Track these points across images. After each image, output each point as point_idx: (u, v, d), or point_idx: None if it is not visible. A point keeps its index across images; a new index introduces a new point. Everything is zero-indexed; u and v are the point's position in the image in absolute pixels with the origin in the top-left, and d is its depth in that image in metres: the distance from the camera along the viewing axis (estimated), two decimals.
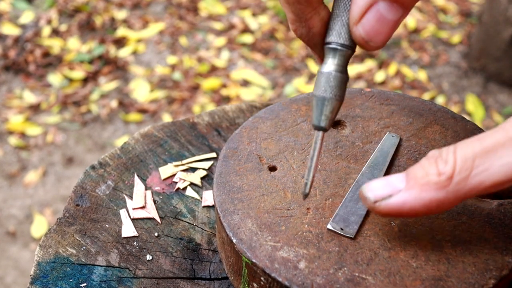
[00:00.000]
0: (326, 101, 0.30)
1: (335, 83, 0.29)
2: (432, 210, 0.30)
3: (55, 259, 0.40)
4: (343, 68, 0.29)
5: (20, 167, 1.58)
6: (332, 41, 0.29)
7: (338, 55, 0.29)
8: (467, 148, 0.29)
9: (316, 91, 0.30)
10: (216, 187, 0.38)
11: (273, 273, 0.32)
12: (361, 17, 0.27)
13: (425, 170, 0.30)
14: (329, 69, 0.29)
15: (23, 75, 1.90)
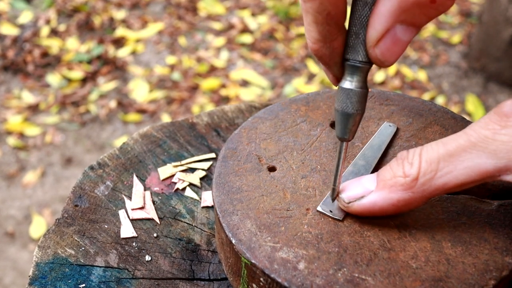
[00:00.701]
0: (349, 116, 0.31)
1: (357, 99, 0.31)
2: (400, 209, 0.32)
3: (53, 260, 0.40)
4: (363, 83, 0.30)
5: (19, 167, 1.58)
6: (352, 58, 0.30)
7: (358, 71, 0.30)
8: (432, 151, 0.31)
9: (339, 106, 0.32)
10: (215, 188, 0.38)
11: (273, 274, 0.32)
12: (378, 40, 0.28)
13: (393, 171, 0.32)
14: (350, 85, 0.30)
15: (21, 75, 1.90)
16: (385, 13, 0.26)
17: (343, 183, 0.35)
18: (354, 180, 0.35)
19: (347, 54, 0.30)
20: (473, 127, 0.30)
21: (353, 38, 0.29)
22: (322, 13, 0.28)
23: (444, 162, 0.30)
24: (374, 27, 0.27)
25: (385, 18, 0.27)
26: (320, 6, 0.27)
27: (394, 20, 0.27)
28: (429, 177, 0.31)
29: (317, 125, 0.43)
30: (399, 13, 0.26)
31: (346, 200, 0.34)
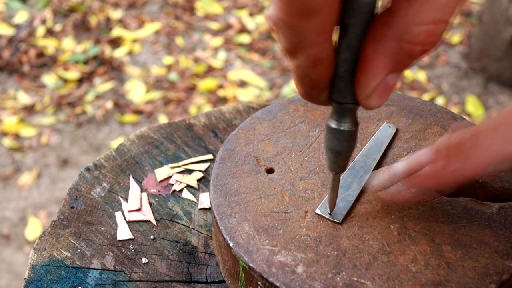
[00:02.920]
0: (338, 153, 0.31)
1: (344, 138, 0.30)
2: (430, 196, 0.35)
3: (49, 262, 0.40)
4: (351, 122, 0.30)
5: (14, 169, 1.57)
6: (338, 100, 0.28)
7: (345, 112, 0.29)
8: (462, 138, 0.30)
9: (327, 144, 0.31)
10: (213, 190, 0.38)
11: (271, 278, 0.32)
12: (371, 93, 0.27)
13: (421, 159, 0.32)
14: (338, 125, 0.30)
15: (17, 75, 1.89)
16: (379, 68, 0.26)
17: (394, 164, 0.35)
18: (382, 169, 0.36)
19: (333, 95, 0.28)
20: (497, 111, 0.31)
21: (339, 81, 0.27)
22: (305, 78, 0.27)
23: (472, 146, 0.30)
24: (368, 83, 0.26)
25: (379, 73, 0.26)
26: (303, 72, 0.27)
27: (387, 73, 0.26)
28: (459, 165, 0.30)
29: (316, 126, 0.43)
30: (392, 66, 0.26)
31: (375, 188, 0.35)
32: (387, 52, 0.25)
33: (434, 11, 0.24)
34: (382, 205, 0.36)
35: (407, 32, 0.24)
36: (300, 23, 0.24)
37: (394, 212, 0.35)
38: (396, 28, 0.25)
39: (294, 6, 0.23)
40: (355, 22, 0.25)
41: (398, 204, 0.36)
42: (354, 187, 0.37)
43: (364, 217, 0.35)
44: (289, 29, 0.24)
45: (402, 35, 0.25)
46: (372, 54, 0.26)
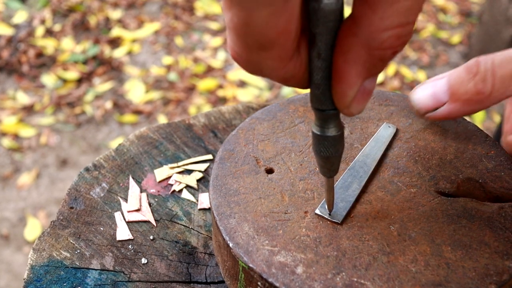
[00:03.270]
0: (325, 158, 0.31)
1: (330, 143, 0.30)
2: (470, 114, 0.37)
3: (49, 262, 0.40)
4: (335, 127, 0.29)
5: (13, 169, 1.57)
6: (318, 107, 0.28)
7: (327, 118, 0.28)
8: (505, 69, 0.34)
9: (313, 149, 0.31)
10: (212, 190, 0.38)
11: (270, 278, 0.32)
12: (351, 103, 0.26)
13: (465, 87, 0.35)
14: (321, 132, 0.29)
15: (16, 75, 1.89)
16: (353, 78, 0.25)
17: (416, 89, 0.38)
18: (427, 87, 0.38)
19: (312, 103, 0.28)
20: None
21: (315, 88, 0.27)
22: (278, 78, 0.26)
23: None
24: (345, 94, 0.26)
25: (354, 82, 0.25)
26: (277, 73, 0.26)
27: (363, 80, 0.26)
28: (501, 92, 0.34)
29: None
30: (366, 72, 0.25)
31: (421, 112, 0.38)
32: (358, 61, 0.25)
33: (399, 16, 0.23)
34: (382, 206, 0.36)
35: (375, 39, 0.24)
36: (258, 56, 0.23)
37: (394, 213, 0.35)
38: (362, 37, 0.24)
39: (249, 41, 0.23)
40: (321, 30, 0.24)
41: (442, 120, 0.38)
42: (354, 187, 0.37)
43: (364, 217, 0.35)
44: (248, 61, 0.24)
45: (370, 43, 0.24)
46: (343, 64, 0.25)
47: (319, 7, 0.23)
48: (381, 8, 0.23)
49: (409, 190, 0.37)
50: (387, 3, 0.23)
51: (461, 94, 0.36)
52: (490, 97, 0.35)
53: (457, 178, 0.38)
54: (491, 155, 0.39)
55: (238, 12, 0.21)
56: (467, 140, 0.41)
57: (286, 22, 0.22)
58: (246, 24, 0.22)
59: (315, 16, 0.24)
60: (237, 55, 0.24)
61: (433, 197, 0.36)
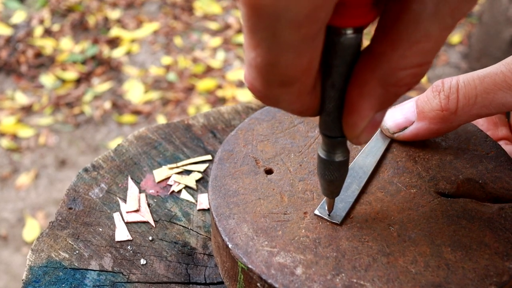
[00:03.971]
0: (331, 182, 0.31)
1: (335, 168, 0.30)
2: (439, 134, 0.38)
3: (47, 263, 0.40)
4: (342, 152, 0.30)
5: (12, 169, 1.57)
6: (327, 134, 0.28)
7: (334, 144, 0.29)
8: (469, 87, 0.35)
9: (318, 172, 0.31)
10: (212, 191, 0.38)
11: (270, 279, 0.31)
12: (361, 133, 0.27)
13: (431, 104, 0.36)
14: (328, 157, 0.30)
15: (15, 76, 1.89)
16: (365, 111, 0.25)
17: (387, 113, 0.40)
18: (396, 109, 0.40)
19: (321, 129, 0.28)
20: (510, 66, 0.34)
21: (326, 116, 0.27)
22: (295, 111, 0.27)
23: (481, 98, 0.34)
24: (356, 125, 0.26)
25: (366, 115, 0.26)
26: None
27: (374, 113, 0.26)
28: (467, 110, 0.35)
29: (315, 126, 0.43)
30: (379, 106, 0.26)
31: (390, 131, 0.40)
32: (373, 95, 0.25)
33: (418, 56, 0.23)
34: (381, 207, 0.36)
35: (392, 76, 0.24)
36: (278, 92, 0.23)
37: (393, 213, 0.35)
38: (380, 73, 0.24)
39: (271, 79, 0.23)
40: (338, 63, 0.24)
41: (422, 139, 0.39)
42: (353, 188, 0.37)
43: (363, 218, 0.35)
44: (267, 97, 0.24)
45: (386, 79, 0.24)
46: (357, 98, 0.25)
47: (338, 41, 0.23)
48: (402, 47, 0.23)
49: (409, 190, 0.37)
50: (408, 43, 0.23)
51: (427, 112, 0.37)
52: (456, 115, 0.35)
53: (457, 178, 0.38)
54: (491, 155, 0.39)
55: (264, 54, 0.21)
56: (467, 140, 0.41)
57: (310, 60, 0.22)
58: (271, 64, 0.22)
59: (334, 49, 0.24)
60: (256, 89, 0.24)
61: (433, 197, 0.36)
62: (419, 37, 0.22)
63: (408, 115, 0.38)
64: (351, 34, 0.23)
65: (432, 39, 0.23)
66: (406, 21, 0.22)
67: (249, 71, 0.23)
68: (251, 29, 0.21)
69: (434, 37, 0.23)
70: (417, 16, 0.22)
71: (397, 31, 0.23)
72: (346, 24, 0.23)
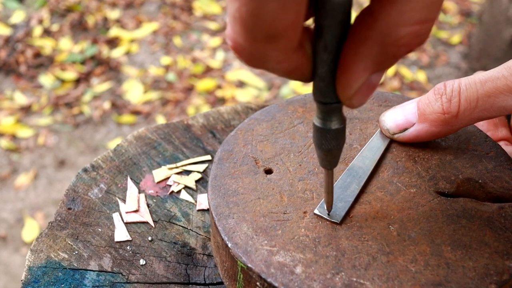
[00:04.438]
0: (326, 151, 0.30)
1: (332, 136, 0.29)
2: (440, 137, 0.38)
3: (46, 263, 0.40)
4: (338, 120, 0.29)
5: (11, 170, 1.56)
6: (321, 100, 0.27)
7: (330, 110, 0.28)
8: (471, 90, 0.35)
9: (314, 142, 0.30)
10: (211, 191, 0.38)
11: (269, 278, 0.31)
12: (354, 94, 0.26)
13: (432, 107, 0.36)
14: (323, 124, 0.29)
15: (14, 76, 1.88)
16: (360, 71, 0.24)
17: (386, 111, 0.40)
18: (397, 110, 0.39)
19: (315, 96, 0.27)
20: (511, 70, 0.34)
21: (319, 81, 0.26)
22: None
23: (482, 101, 0.34)
24: (350, 85, 0.25)
25: (361, 75, 0.25)
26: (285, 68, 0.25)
27: (369, 74, 0.25)
28: (468, 113, 0.35)
29: None
30: (375, 67, 0.25)
31: (390, 132, 0.40)
32: (369, 55, 0.24)
33: (419, 11, 0.22)
34: (381, 206, 0.36)
35: (391, 34, 0.23)
36: (263, 48, 0.23)
37: (393, 213, 0.35)
38: (378, 31, 0.23)
39: (255, 33, 0.22)
40: (330, 23, 0.24)
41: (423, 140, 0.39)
42: (353, 188, 0.37)
43: (363, 217, 0.35)
44: (252, 53, 0.23)
45: (385, 38, 0.23)
46: (352, 57, 0.24)
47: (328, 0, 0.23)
48: (401, 1, 0.22)
49: (409, 190, 0.37)
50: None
51: (428, 114, 0.37)
52: (457, 118, 0.36)
53: (457, 178, 0.38)
54: (491, 155, 0.39)
55: (248, 3, 0.21)
56: (466, 140, 0.41)
57: (296, 14, 0.21)
58: (255, 15, 0.21)
59: (324, 8, 0.23)
60: (240, 47, 0.23)
61: (433, 197, 0.36)
62: None
63: (409, 117, 0.38)
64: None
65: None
66: None
67: (232, 25, 0.22)
68: None
69: None
70: None
71: None
72: None
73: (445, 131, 0.37)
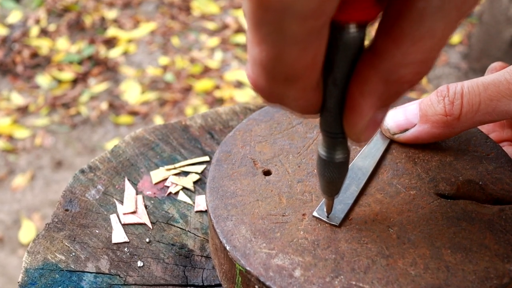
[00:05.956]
0: (331, 181, 0.31)
1: (335, 168, 0.30)
2: (441, 139, 0.38)
3: (43, 265, 0.39)
4: (342, 151, 0.29)
5: (8, 171, 1.56)
6: (328, 131, 0.28)
7: (335, 142, 0.29)
8: (473, 93, 0.35)
9: (317, 171, 0.31)
10: (209, 192, 0.37)
11: (268, 282, 0.31)
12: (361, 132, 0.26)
13: (434, 108, 0.37)
14: (328, 157, 0.29)
15: (10, 76, 1.88)
16: (366, 109, 0.25)
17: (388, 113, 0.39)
18: (398, 110, 0.39)
19: (322, 126, 0.28)
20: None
21: (327, 113, 0.27)
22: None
23: (484, 105, 0.35)
24: (356, 124, 0.26)
25: (366, 114, 0.25)
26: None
27: (375, 111, 0.25)
28: (470, 116, 0.35)
29: (314, 127, 0.42)
30: (380, 104, 0.25)
31: (391, 132, 0.40)
32: (374, 93, 0.24)
33: (422, 53, 0.23)
34: (380, 208, 0.36)
35: (395, 73, 0.23)
36: (282, 89, 0.23)
37: (393, 215, 0.35)
38: (382, 70, 0.24)
39: (276, 75, 0.22)
40: (340, 59, 0.24)
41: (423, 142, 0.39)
42: (352, 190, 0.37)
43: (362, 220, 0.35)
44: (271, 94, 0.24)
45: (388, 77, 0.24)
46: (358, 96, 0.25)
47: (341, 37, 0.23)
48: (405, 44, 0.22)
49: (408, 192, 0.37)
50: (412, 40, 0.22)
51: (430, 116, 0.37)
52: (459, 121, 0.36)
53: (457, 180, 0.37)
54: (491, 156, 0.39)
55: (269, 48, 0.21)
56: (467, 141, 0.41)
57: (315, 55, 0.22)
58: (276, 60, 0.21)
59: (336, 45, 0.24)
60: (260, 87, 0.23)
61: (433, 199, 0.36)
62: (423, 33, 0.22)
63: (410, 117, 0.38)
64: (354, 30, 0.23)
65: (436, 36, 0.22)
66: (410, 17, 0.22)
67: (253, 68, 0.23)
68: (256, 24, 0.20)
69: (438, 34, 0.22)
70: (421, 12, 0.22)
71: (401, 27, 0.22)
72: (349, 19, 0.23)
73: (446, 133, 0.37)
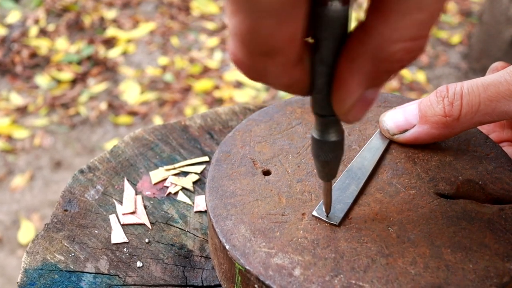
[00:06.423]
0: (324, 163, 0.31)
1: (329, 148, 0.29)
2: (440, 140, 0.38)
3: (42, 266, 0.39)
4: (336, 132, 0.29)
5: (7, 171, 1.56)
6: (319, 112, 0.28)
7: (328, 123, 0.28)
8: (473, 94, 0.35)
9: (312, 153, 0.31)
10: (209, 192, 0.37)
11: (268, 281, 0.31)
12: (349, 110, 0.26)
13: (434, 109, 0.37)
14: (321, 136, 0.29)
15: (9, 76, 1.87)
16: (354, 87, 0.24)
17: (386, 112, 0.40)
18: (398, 111, 0.39)
19: (313, 108, 0.28)
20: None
21: (317, 93, 0.26)
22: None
23: (484, 105, 0.35)
24: (344, 101, 0.25)
25: (354, 91, 0.25)
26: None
27: (363, 90, 0.25)
28: (469, 117, 0.35)
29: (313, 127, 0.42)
30: (369, 83, 0.25)
31: (390, 132, 0.40)
32: (362, 71, 0.24)
33: (412, 28, 0.22)
34: (380, 208, 0.36)
35: (383, 50, 0.23)
36: (262, 63, 0.23)
37: (392, 215, 0.35)
38: (371, 47, 0.23)
39: (254, 48, 0.22)
40: (326, 36, 0.24)
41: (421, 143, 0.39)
42: (351, 189, 0.37)
43: (362, 219, 0.35)
44: (251, 68, 0.23)
45: (378, 54, 0.23)
46: (346, 72, 0.24)
47: (324, 13, 0.23)
48: (394, 18, 0.22)
49: (408, 192, 0.37)
50: (399, 14, 0.22)
51: (429, 116, 0.37)
52: (459, 122, 0.36)
53: (457, 179, 0.37)
54: (491, 156, 0.39)
55: (245, 19, 0.21)
56: (466, 141, 0.41)
57: (293, 29, 0.21)
58: (252, 31, 0.21)
59: (320, 22, 0.23)
60: (240, 62, 0.23)
61: (433, 199, 0.36)
62: (411, 7, 0.21)
63: (409, 118, 0.38)
64: (337, 5, 0.23)
65: (424, 10, 0.22)
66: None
67: (232, 41, 0.22)
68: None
69: (427, 8, 0.22)
70: None
71: (388, 1, 0.22)
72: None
73: (446, 134, 0.37)
